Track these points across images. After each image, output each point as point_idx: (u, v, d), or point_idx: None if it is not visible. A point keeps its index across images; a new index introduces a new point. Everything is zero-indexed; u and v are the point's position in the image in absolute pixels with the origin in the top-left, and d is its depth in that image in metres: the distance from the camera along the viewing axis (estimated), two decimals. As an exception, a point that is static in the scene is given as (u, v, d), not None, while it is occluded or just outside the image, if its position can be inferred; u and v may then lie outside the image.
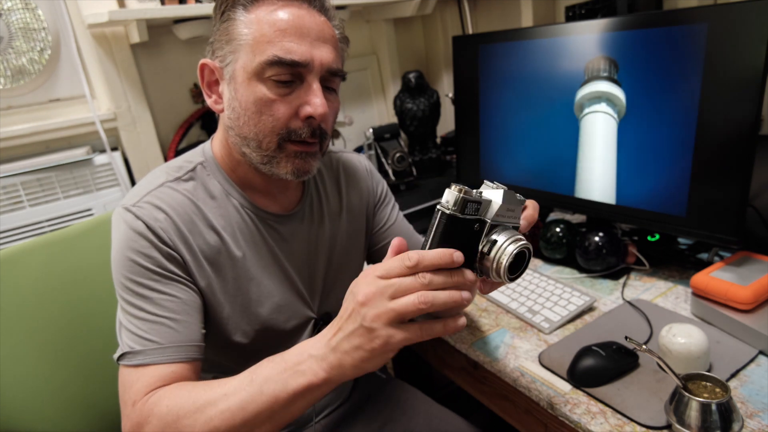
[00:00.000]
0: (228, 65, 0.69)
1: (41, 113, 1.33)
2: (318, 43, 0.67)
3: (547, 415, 0.75)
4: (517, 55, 1.11)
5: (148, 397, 0.61)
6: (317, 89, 0.68)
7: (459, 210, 0.52)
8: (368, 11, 1.83)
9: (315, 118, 0.68)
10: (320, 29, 0.68)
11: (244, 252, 0.75)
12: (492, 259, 0.55)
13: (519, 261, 0.56)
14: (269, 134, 0.68)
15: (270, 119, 0.67)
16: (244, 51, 0.67)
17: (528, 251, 0.57)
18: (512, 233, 0.56)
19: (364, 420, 0.92)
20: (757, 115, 0.79)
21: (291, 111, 0.68)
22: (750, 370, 0.73)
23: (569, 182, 1.08)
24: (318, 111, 0.67)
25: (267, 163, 0.71)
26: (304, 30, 0.66)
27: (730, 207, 0.85)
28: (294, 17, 0.66)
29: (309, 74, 0.67)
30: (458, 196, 0.52)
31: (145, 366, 0.64)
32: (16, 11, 1.22)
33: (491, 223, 0.55)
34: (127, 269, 0.67)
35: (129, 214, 0.69)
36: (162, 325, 0.66)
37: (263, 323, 0.77)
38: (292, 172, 0.71)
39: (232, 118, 0.70)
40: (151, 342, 0.65)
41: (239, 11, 0.67)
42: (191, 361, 0.67)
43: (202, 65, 0.73)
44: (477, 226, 0.55)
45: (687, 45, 0.85)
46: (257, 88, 0.67)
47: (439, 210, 0.53)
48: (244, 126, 0.69)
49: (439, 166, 1.69)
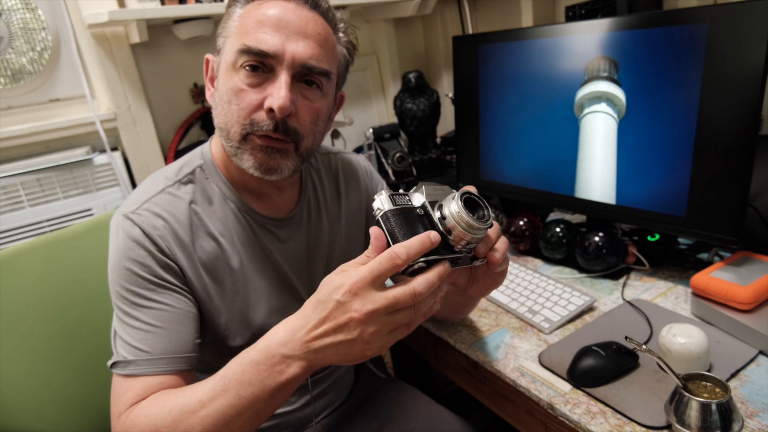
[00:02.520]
0: (219, 57, 0.71)
1: (41, 113, 1.33)
2: (296, 36, 0.66)
3: (547, 415, 0.75)
4: (517, 55, 1.11)
5: (131, 409, 0.62)
6: (283, 82, 0.66)
7: (391, 204, 0.55)
8: (368, 11, 1.83)
9: (274, 110, 0.65)
10: (302, 24, 0.67)
11: (242, 257, 0.75)
12: (452, 220, 0.55)
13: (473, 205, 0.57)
14: (235, 124, 0.68)
15: (236, 108, 0.67)
16: (229, 42, 0.68)
17: (473, 194, 0.58)
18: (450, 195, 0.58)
19: (364, 420, 0.92)
20: (756, 115, 0.79)
21: (257, 102, 0.66)
22: (750, 370, 0.73)
23: (569, 182, 1.08)
24: (277, 103, 0.65)
25: (234, 155, 0.70)
26: (282, 23, 0.66)
27: (730, 207, 0.85)
28: (276, 11, 0.67)
29: (279, 66, 0.66)
30: (384, 195, 0.55)
31: (135, 377, 0.64)
32: (16, 11, 1.22)
33: (428, 201, 0.57)
34: (123, 278, 0.67)
35: (127, 221, 0.69)
36: (154, 335, 0.66)
37: (261, 327, 0.77)
38: (254, 167, 0.69)
39: (215, 108, 0.71)
40: (142, 352, 0.65)
41: (237, 7, 0.69)
42: (180, 372, 0.67)
43: (206, 60, 0.75)
44: (419, 210, 0.57)
45: (687, 45, 0.85)
46: (233, 77, 0.67)
47: (377, 216, 0.55)
48: (219, 115, 0.70)
49: (439, 166, 1.69)
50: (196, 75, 1.54)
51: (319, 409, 0.89)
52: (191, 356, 0.68)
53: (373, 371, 1.05)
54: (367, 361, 1.05)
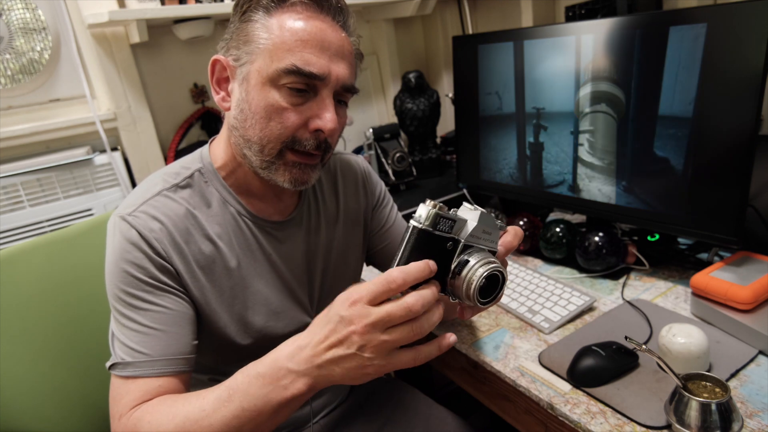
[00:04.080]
0: (242, 66, 0.68)
1: (41, 113, 1.33)
2: (337, 58, 0.67)
3: (547, 415, 0.75)
4: (517, 55, 1.11)
5: (133, 412, 0.63)
6: (330, 104, 0.68)
7: (431, 225, 0.51)
8: (368, 11, 1.83)
9: (323, 131, 0.68)
10: (340, 45, 0.68)
11: (240, 260, 0.75)
12: (463, 279, 0.54)
13: (492, 285, 0.55)
14: (274, 141, 0.68)
15: (278, 126, 0.67)
16: (262, 55, 0.66)
17: (501, 275, 0.56)
18: (486, 255, 0.55)
19: (364, 420, 0.92)
20: (756, 115, 0.79)
21: (300, 121, 0.68)
22: (750, 370, 0.73)
23: (569, 182, 1.08)
24: (328, 126, 0.67)
25: (266, 168, 0.70)
26: (325, 44, 0.66)
27: (730, 207, 0.85)
28: (317, 30, 0.66)
29: (324, 88, 0.67)
30: (431, 211, 0.51)
31: (135, 378, 0.65)
32: (16, 11, 1.23)
33: (465, 243, 0.54)
34: (120, 280, 0.67)
35: (124, 223, 0.68)
36: (152, 337, 0.66)
37: (260, 330, 0.77)
38: (289, 181, 0.71)
39: (239, 119, 0.69)
40: (141, 354, 0.65)
41: (260, 13, 0.67)
42: (179, 373, 0.67)
43: (215, 61, 0.71)
44: (450, 245, 0.54)
45: (686, 45, 0.85)
46: (270, 93, 0.66)
47: (411, 224, 0.52)
48: (249, 128, 0.68)
49: (439, 166, 1.69)
50: (196, 75, 1.54)
51: (317, 409, 0.89)
52: (189, 358, 0.69)
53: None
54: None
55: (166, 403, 0.62)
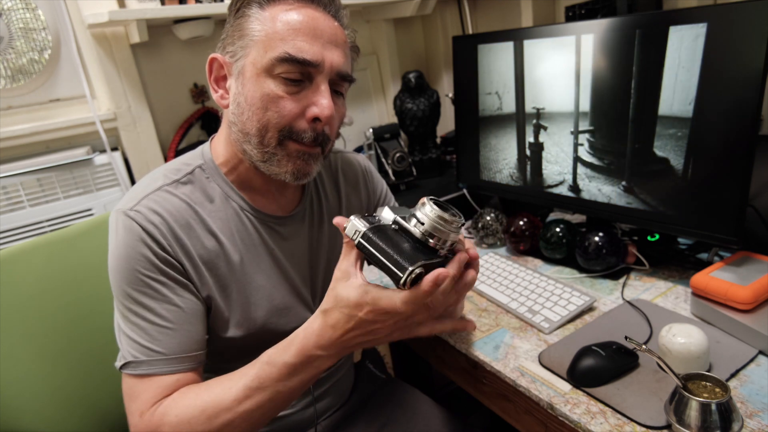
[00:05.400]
0: (238, 60, 0.69)
1: (41, 113, 1.33)
2: (330, 45, 0.68)
3: (547, 415, 0.75)
4: (517, 55, 1.11)
5: (156, 407, 0.63)
6: (325, 91, 0.68)
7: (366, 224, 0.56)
8: (368, 11, 1.83)
9: (321, 119, 0.68)
10: (333, 32, 0.69)
11: (243, 255, 0.75)
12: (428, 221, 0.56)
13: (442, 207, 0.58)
14: (271, 129, 0.68)
15: (275, 115, 0.67)
16: (256, 47, 0.67)
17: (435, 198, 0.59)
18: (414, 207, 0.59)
19: (365, 421, 0.92)
20: (756, 114, 0.79)
21: (298, 110, 0.68)
22: (750, 370, 0.73)
23: (569, 182, 1.08)
24: (324, 113, 0.67)
25: (267, 161, 0.70)
26: (317, 31, 0.67)
27: (730, 207, 0.85)
28: (308, 18, 0.67)
29: (318, 75, 0.67)
30: (354, 219, 0.57)
31: (150, 376, 0.65)
32: (16, 11, 1.23)
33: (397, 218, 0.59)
34: (126, 276, 0.67)
35: (126, 217, 0.68)
36: (164, 334, 0.66)
37: (263, 326, 0.77)
38: (291, 173, 0.70)
39: (236, 113, 0.70)
40: (154, 352, 0.65)
41: (254, 8, 0.68)
42: (194, 369, 0.68)
43: (212, 59, 0.72)
44: (394, 226, 0.58)
45: (686, 45, 0.85)
46: (265, 83, 0.67)
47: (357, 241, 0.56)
48: (247, 121, 0.68)
49: (439, 166, 1.69)
50: (196, 75, 1.54)
51: (320, 412, 0.89)
52: (202, 352, 0.70)
53: (373, 372, 1.05)
54: (367, 361, 1.06)
55: (189, 395, 0.64)
